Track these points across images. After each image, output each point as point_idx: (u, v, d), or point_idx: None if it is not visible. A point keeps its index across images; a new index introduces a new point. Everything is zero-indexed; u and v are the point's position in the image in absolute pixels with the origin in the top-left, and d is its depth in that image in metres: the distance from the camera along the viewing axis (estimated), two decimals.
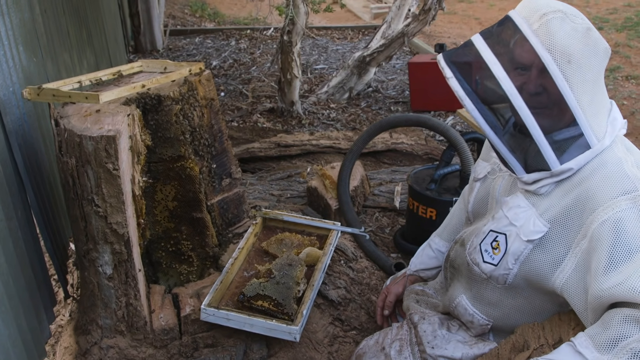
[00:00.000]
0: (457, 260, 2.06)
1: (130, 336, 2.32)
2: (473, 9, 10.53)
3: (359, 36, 8.72)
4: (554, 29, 1.57)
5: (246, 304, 2.31)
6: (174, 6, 10.21)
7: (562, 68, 1.57)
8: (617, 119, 1.69)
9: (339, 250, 2.88)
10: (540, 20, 1.59)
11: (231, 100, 6.00)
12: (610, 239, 1.50)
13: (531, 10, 1.63)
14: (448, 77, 1.70)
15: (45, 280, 2.48)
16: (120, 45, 6.70)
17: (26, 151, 2.30)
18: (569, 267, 1.62)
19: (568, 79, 1.57)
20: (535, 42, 1.59)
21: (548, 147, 1.63)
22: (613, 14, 9.29)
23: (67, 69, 3.43)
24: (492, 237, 1.82)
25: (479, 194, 2.05)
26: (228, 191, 2.73)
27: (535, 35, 1.59)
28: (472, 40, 1.71)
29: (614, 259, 1.48)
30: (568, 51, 1.56)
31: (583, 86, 1.59)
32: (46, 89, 2.14)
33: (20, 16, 2.47)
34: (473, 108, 1.69)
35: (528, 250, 1.71)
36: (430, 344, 2.02)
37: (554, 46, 1.57)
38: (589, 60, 1.59)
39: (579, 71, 1.58)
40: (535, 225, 1.69)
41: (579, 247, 1.60)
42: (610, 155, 1.63)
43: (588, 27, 1.61)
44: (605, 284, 1.46)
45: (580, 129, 1.61)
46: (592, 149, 1.62)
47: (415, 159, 4.53)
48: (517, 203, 1.76)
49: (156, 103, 2.28)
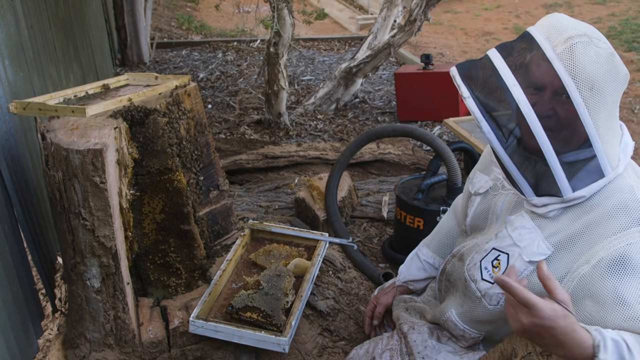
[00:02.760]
0: (454, 274, 2.05)
1: (118, 349, 2.31)
2: (458, 20, 10.60)
3: (346, 47, 8.76)
4: (579, 54, 1.52)
5: (235, 315, 2.31)
6: (161, 19, 10.21)
7: (584, 95, 1.52)
8: (628, 145, 1.67)
9: (327, 261, 2.89)
10: (565, 43, 1.54)
11: (218, 113, 6.00)
12: (620, 271, 1.49)
13: (555, 31, 1.58)
14: (465, 97, 1.64)
15: (33, 294, 2.47)
16: (107, 58, 6.70)
17: (13, 165, 2.29)
18: (566, 291, 1.59)
19: (588, 106, 1.53)
20: (558, 67, 1.54)
21: (562, 173, 1.59)
22: (597, 23, 9.37)
23: (54, 82, 3.43)
24: (493, 255, 1.80)
25: (479, 208, 2.02)
26: (216, 203, 2.73)
27: (559, 59, 1.54)
28: (489, 55, 1.66)
29: (626, 292, 1.47)
30: (591, 78, 1.52)
31: (601, 113, 1.55)
32: (32, 103, 2.14)
33: (6, 30, 2.47)
34: (489, 131, 1.63)
35: (528, 272, 1.69)
36: (420, 354, 2.02)
37: (577, 72, 1.52)
38: (609, 87, 1.55)
39: (599, 98, 1.53)
40: (539, 247, 1.67)
41: (577, 272, 1.58)
42: (623, 183, 1.61)
43: (611, 52, 1.56)
44: (619, 317, 1.46)
45: (594, 151, 1.57)
46: (606, 177, 1.59)
47: (403, 169, 4.55)
48: (523, 224, 1.74)
49: (143, 116, 2.29)
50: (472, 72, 1.67)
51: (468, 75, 1.67)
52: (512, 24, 9.86)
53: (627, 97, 6.44)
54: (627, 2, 10.57)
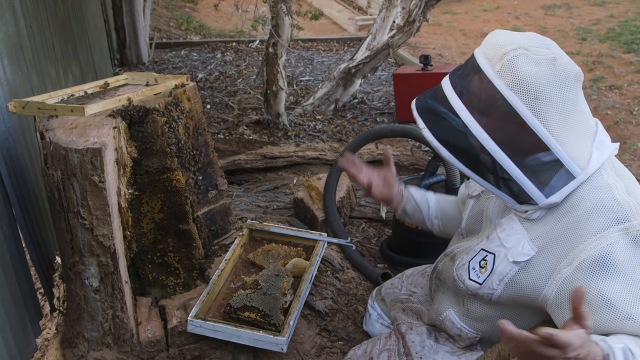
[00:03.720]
0: (444, 273, 2.06)
1: (117, 349, 2.31)
2: (457, 21, 10.60)
3: (345, 48, 8.76)
4: (515, 68, 1.56)
5: (233, 315, 2.31)
6: (160, 19, 10.21)
7: (531, 106, 1.55)
8: (603, 142, 1.66)
9: (326, 261, 2.89)
10: (501, 60, 1.58)
11: (217, 113, 6.00)
12: (603, 272, 1.50)
13: (493, 49, 1.62)
14: (421, 128, 1.71)
15: (31, 293, 2.47)
16: (105, 58, 6.69)
17: (11, 164, 2.29)
18: (551, 293, 1.62)
19: (538, 115, 1.56)
20: (499, 84, 1.58)
21: (530, 184, 1.63)
22: (596, 25, 9.38)
23: (53, 82, 3.43)
24: (481, 255, 1.82)
25: (473, 211, 2.04)
26: (214, 203, 2.73)
27: (498, 76, 1.58)
28: (442, 85, 1.73)
29: (611, 292, 1.48)
30: (534, 88, 1.55)
31: (556, 118, 1.57)
32: (31, 102, 2.14)
33: (5, 30, 2.48)
34: (450, 156, 1.69)
35: (513, 272, 1.71)
36: (418, 354, 2.02)
37: (518, 85, 1.55)
38: (557, 92, 1.57)
39: (549, 105, 1.56)
40: (524, 247, 1.69)
41: (560, 274, 1.60)
42: (600, 182, 1.62)
43: (553, 57, 1.58)
44: (607, 318, 1.47)
45: (556, 156, 1.60)
46: (576, 178, 1.61)
47: (401, 169, 4.55)
48: (512, 226, 1.75)
49: (142, 115, 2.29)
50: (428, 104, 1.75)
51: (424, 108, 1.75)
52: (511, 25, 9.86)
53: (626, 98, 6.44)
54: (626, 3, 10.57)
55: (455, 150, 1.69)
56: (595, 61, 7.66)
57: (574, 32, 9.11)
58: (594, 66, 7.50)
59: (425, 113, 1.73)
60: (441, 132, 1.69)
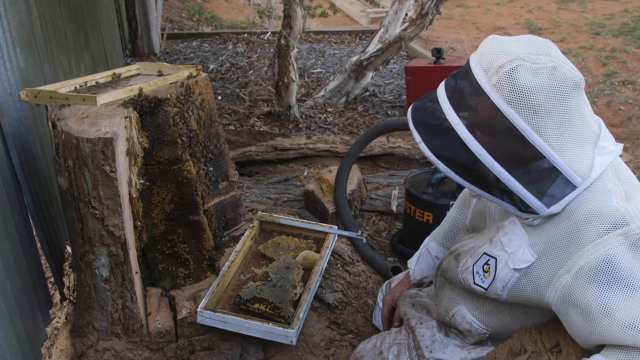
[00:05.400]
0: (449, 272, 2.05)
1: (126, 339, 2.31)
2: (470, 14, 10.56)
3: (356, 40, 8.73)
4: (513, 81, 1.49)
5: (243, 307, 2.30)
6: (171, 10, 10.21)
7: (529, 120, 1.50)
8: (606, 147, 1.60)
9: (336, 254, 2.88)
10: (497, 73, 1.51)
11: (228, 104, 6.00)
12: (602, 279, 1.48)
13: (488, 59, 1.56)
14: (418, 142, 1.65)
15: (42, 282, 2.47)
16: (117, 48, 6.70)
17: (23, 153, 2.29)
18: (553, 299, 1.60)
19: (537, 129, 1.51)
20: (496, 98, 1.52)
21: (531, 197, 1.58)
22: (610, 19, 9.32)
23: (65, 71, 3.43)
24: (484, 259, 1.80)
25: (476, 209, 2.03)
26: (225, 194, 2.72)
27: (495, 90, 1.52)
28: (437, 96, 1.67)
29: (609, 300, 1.46)
30: (532, 101, 1.48)
31: (556, 130, 1.52)
32: (43, 91, 2.14)
33: (18, 19, 2.47)
34: (448, 170, 1.63)
35: (515, 279, 1.69)
36: (428, 348, 2.02)
37: (515, 100, 1.49)
38: (558, 102, 1.50)
39: (548, 118, 1.50)
40: (524, 254, 1.67)
41: (559, 281, 1.57)
42: (599, 187, 1.58)
43: (553, 65, 1.51)
44: (604, 327, 1.46)
45: (553, 164, 1.55)
46: (577, 188, 1.57)
47: (412, 162, 4.54)
48: (514, 230, 1.73)
49: (153, 106, 2.28)
50: (423, 117, 1.68)
51: (421, 120, 1.68)
52: (524, 19, 9.81)
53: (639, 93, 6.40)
54: None
55: (453, 164, 1.63)
56: (608, 56, 7.62)
57: (588, 26, 9.05)
58: (607, 61, 7.45)
59: (421, 126, 1.66)
60: (438, 146, 1.63)
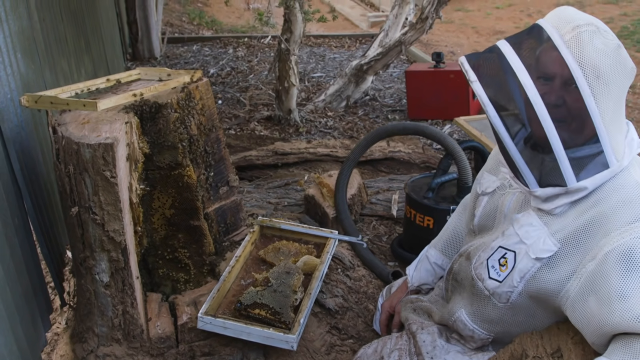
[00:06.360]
0: (461, 273, 2.04)
1: (126, 344, 2.31)
2: (470, 18, 10.57)
3: (357, 44, 8.74)
4: (586, 42, 1.53)
5: (243, 312, 2.30)
6: (172, 14, 10.22)
7: (590, 83, 1.53)
8: (634, 140, 1.66)
9: (336, 259, 2.88)
10: (572, 31, 1.55)
11: (229, 108, 6.00)
12: (625, 266, 1.48)
13: (563, 21, 1.60)
14: (472, 81, 1.63)
15: (42, 287, 2.47)
16: (118, 52, 6.70)
17: (24, 158, 2.29)
18: (574, 288, 1.60)
19: (595, 94, 1.53)
20: (566, 54, 1.54)
21: (567, 162, 1.58)
22: (609, 23, 9.32)
23: (65, 76, 3.43)
24: (500, 253, 1.79)
25: (486, 208, 2.01)
26: (225, 199, 2.72)
27: (566, 46, 1.55)
28: (497, 45, 1.66)
29: (628, 288, 1.46)
30: (597, 66, 1.52)
31: (607, 103, 1.55)
32: (44, 97, 2.14)
33: (19, 24, 2.47)
34: (495, 115, 1.62)
35: (535, 269, 1.69)
36: (429, 354, 2.01)
37: (584, 59, 1.53)
38: (616, 78, 1.56)
39: (605, 88, 1.54)
40: (545, 243, 1.66)
41: (585, 268, 1.58)
42: (628, 178, 1.60)
43: (618, 44, 1.57)
44: (617, 313, 1.45)
45: (601, 147, 1.57)
46: (610, 168, 1.59)
47: (413, 167, 4.53)
48: (530, 221, 1.73)
49: (154, 111, 2.28)
50: (480, 60, 1.67)
51: (477, 62, 1.67)
52: (524, 23, 9.82)
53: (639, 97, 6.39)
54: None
55: (503, 112, 1.62)
56: None
57: None
58: None
59: (477, 67, 1.65)
60: (494, 91, 1.63)
